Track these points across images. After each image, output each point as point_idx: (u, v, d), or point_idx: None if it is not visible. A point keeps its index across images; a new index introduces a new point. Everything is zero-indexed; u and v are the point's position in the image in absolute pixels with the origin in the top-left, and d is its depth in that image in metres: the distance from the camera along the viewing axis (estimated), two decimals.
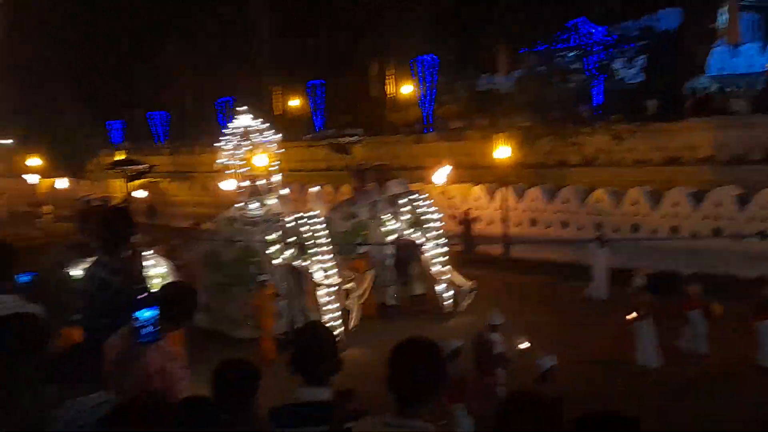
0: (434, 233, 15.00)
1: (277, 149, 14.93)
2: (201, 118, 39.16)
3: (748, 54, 27.63)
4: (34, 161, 36.00)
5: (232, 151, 14.72)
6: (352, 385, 4.40)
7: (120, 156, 35.84)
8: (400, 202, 15.21)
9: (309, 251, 13.43)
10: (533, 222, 21.32)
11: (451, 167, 18.42)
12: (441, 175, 18.43)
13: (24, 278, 5.73)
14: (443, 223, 15.53)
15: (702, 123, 20.85)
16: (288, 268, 13.65)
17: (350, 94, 34.87)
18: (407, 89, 33.26)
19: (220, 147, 14.87)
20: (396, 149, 28.50)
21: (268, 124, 15.20)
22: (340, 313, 13.32)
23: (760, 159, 19.15)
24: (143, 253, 9.26)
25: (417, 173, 22.36)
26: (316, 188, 16.10)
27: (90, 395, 3.64)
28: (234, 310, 13.86)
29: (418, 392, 3.06)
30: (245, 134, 14.71)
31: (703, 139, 20.48)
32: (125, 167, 31.36)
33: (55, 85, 35.41)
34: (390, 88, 35.68)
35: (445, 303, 14.85)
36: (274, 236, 13.53)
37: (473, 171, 23.26)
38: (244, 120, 14.94)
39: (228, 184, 26.21)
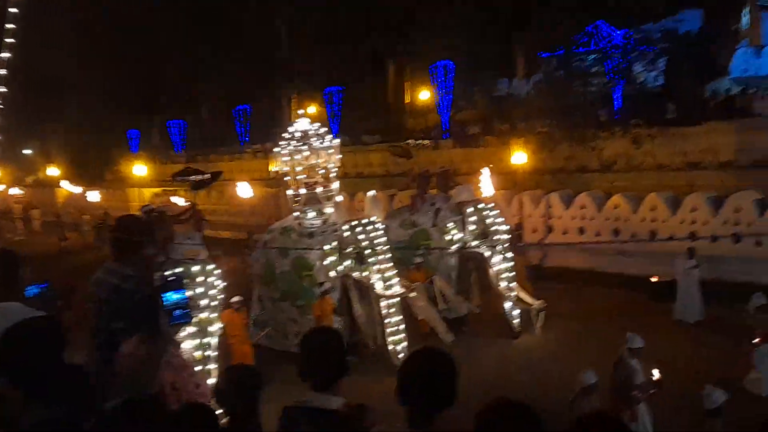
0: (502, 246, 14.12)
1: (337, 154, 13.97)
2: (217, 126, 39.17)
3: None
4: (53, 171, 36.03)
5: (289, 157, 13.79)
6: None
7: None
8: (467, 210, 14.43)
9: (368, 261, 12.68)
10: (550, 229, 20.89)
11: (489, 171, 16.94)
12: (487, 184, 16.56)
13: (33, 290, 5.41)
14: (510, 235, 14.56)
15: (723, 126, 20.26)
16: (349, 280, 12.96)
17: (368, 100, 34.69)
18: (425, 95, 33.04)
19: (277, 152, 13.98)
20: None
21: (326, 129, 14.34)
22: (404, 326, 12.59)
23: None
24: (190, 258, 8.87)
25: None
26: (372, 192, 15.02)
27: None
28: (285, 324, 13.34)
29: (429, 402, 2.96)
30: (303, 139, 13.85)
31: (725, 142, 19.88)
32: (187, 177, 30.99)
33: (75, 94, 35.64)
34: (408, 95, 35.51)
35: (513, 322, 14.05)
36: (330, 246, 12.81)
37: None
38: (302, 124, 14.12)
39: (244, 190, 26.02)
